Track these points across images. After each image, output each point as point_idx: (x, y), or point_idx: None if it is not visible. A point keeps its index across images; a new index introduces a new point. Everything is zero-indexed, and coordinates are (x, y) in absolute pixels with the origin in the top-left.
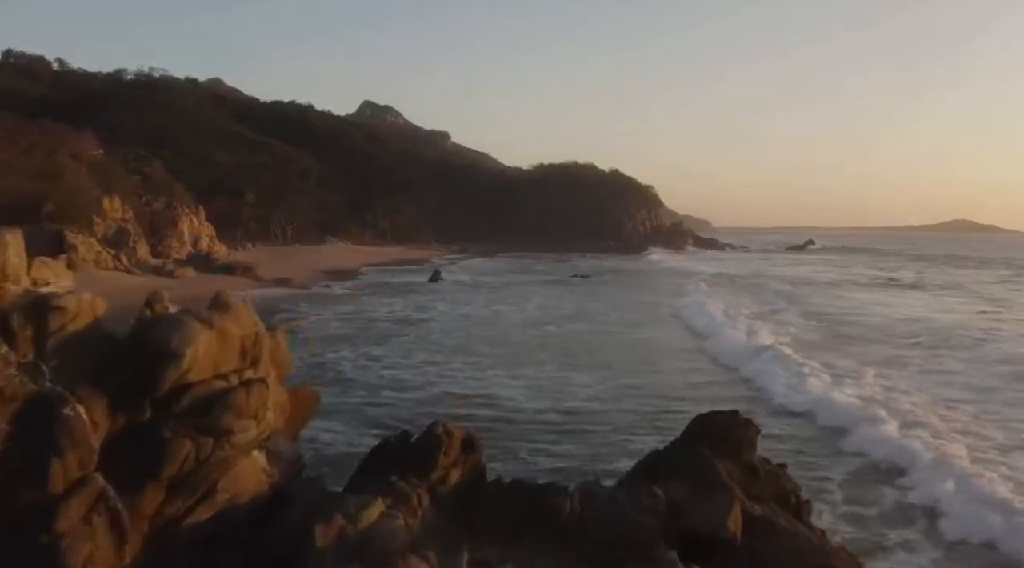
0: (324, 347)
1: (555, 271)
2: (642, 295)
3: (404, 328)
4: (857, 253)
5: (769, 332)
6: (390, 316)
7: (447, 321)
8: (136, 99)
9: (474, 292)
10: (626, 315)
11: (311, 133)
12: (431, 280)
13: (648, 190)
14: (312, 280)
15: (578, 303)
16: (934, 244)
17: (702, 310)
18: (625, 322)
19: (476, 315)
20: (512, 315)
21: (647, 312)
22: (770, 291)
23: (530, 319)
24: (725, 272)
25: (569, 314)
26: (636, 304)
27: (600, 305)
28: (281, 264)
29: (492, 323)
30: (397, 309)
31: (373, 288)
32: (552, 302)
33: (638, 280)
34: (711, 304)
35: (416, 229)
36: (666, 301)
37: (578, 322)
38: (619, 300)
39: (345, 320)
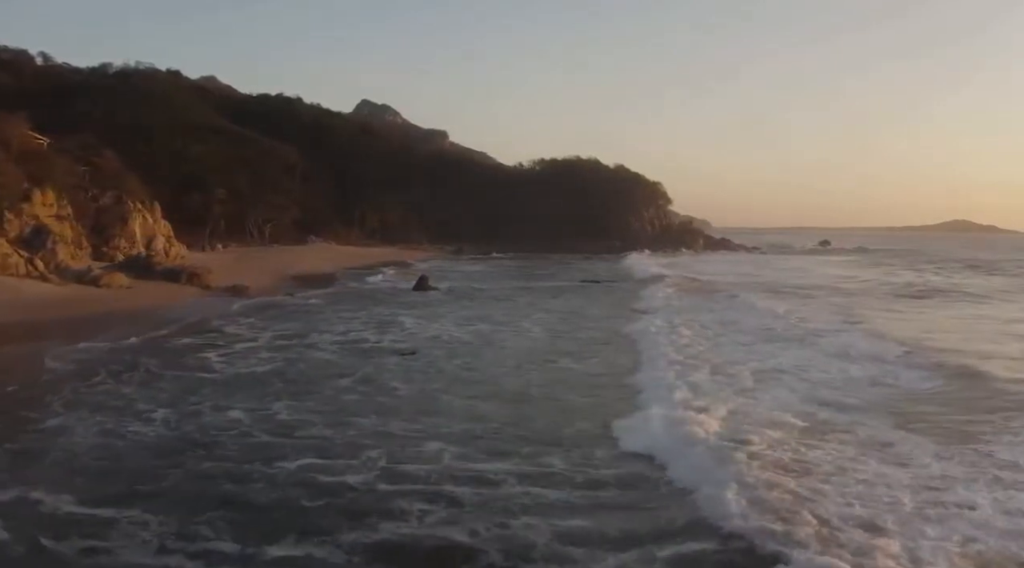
0: (217, 397)
1: (560, 274)
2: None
3: (354, 363)
4: (880, 254)
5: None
6: (342, 340)
7: (419, 352)
8: (109, 89)
9: (465, 303)
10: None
11: (299, 127)
12: (416, 288)
13: (656, 187)
14: (275, 287)
15: (601, 319)
16: (949, 245)
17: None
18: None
19: (460, 340)
20: (511, 340)
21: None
22: (829, 304)
23: (537, 348)
24: (761, 280)
25: (593, 339)
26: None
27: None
28: (246, 268)
29: (481, 354)
30: (356, 328)
31: (342, 297)
32: (563, 319)
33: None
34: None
35: (408, 228)
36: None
37: (612, 353)
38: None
39: (278, 348)
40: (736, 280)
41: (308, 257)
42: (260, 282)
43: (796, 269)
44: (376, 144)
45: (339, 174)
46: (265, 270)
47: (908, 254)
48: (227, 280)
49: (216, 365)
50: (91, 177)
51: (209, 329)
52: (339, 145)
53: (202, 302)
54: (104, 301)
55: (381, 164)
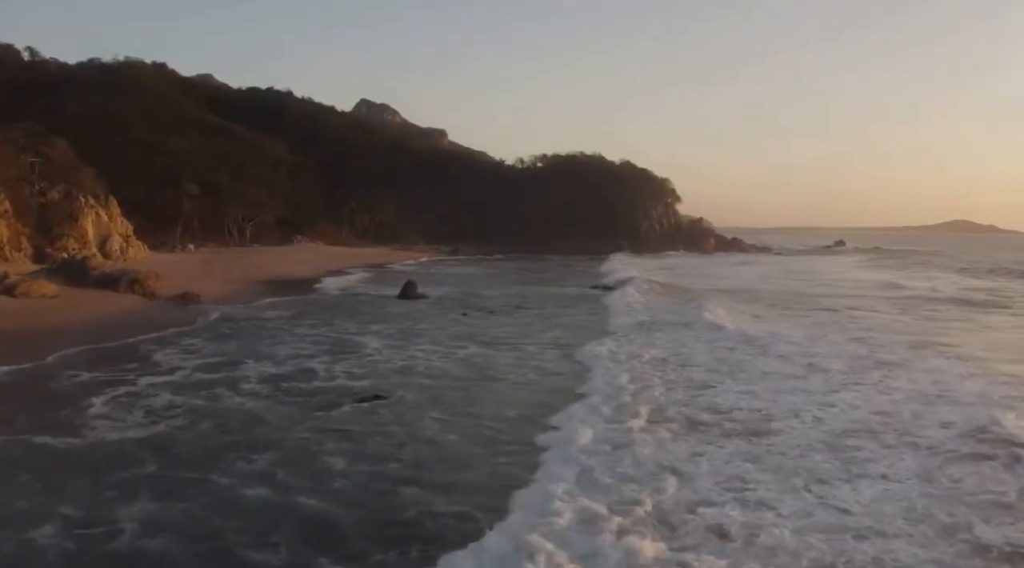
0: (29, 496)
1: (567, 279)
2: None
3: (284, 420)
4: (901, 256)
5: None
6: (284, 374)
7: (386, 394)
8: (88, 81)
9: (457, 316)
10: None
11: (289, 121)
12: (401, 296)
13: (664, 184)
14: (236, 295)
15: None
16: (959, 245)
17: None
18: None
19: (447, 373)
20: (516, 373)
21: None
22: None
23: (558, 387)
24: (791, 289)
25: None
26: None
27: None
28: (211, 271)
29: (476, 398)
30: (308, 353)
31: (310, 307)
32: (581, 339)
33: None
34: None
35: (402, 228)
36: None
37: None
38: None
39: (190, 388)
40: (776, 293)
41: (288, 259)
42: (221, 288)
43: (827, 275)
44: (369, 140)
45: (330, 171)
46: (232, 274)
47: (927, 255)
48: (183, 286)
49: (81, 422)
50: (40, 169)
51: (120, 355)
52: (330, 140)
53: (136, 314)
54: (8, 315)
55: (374, 160)
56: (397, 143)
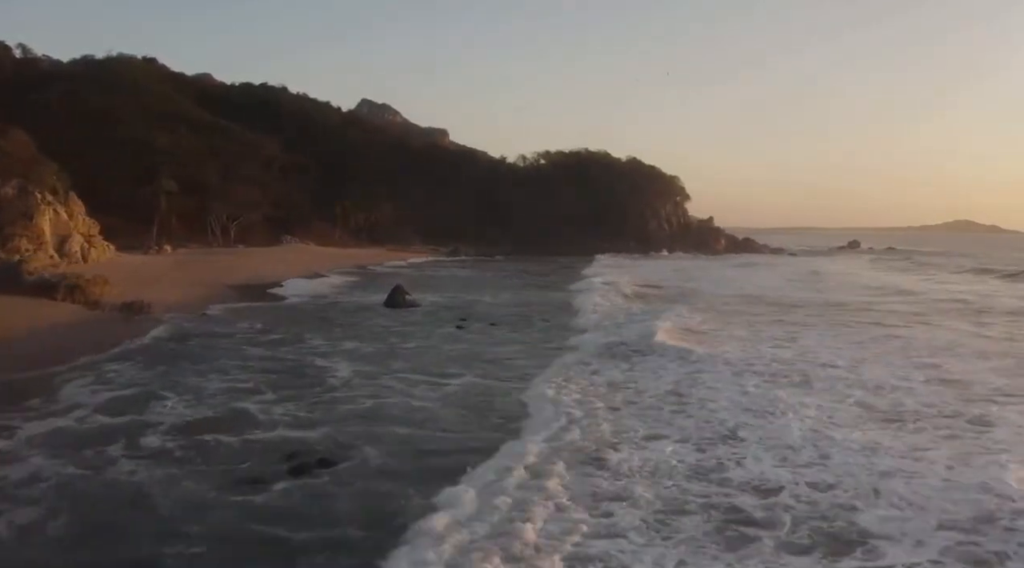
0: None
1: (575, 282)
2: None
3: (139, 550)
4: (921, 256)
5: None
6: (200, 421)
7: (339, 458)
8: (74, 76)
9: (450, 329)
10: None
11: (283, 118)
12: (388, 303)
13: (674, 182)
14: (198, 303)
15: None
16: (976, 246)
17: None
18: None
19: (433, 421)
20: (531, 420)
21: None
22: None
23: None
24: (823, 296)
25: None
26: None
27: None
28: (180, 275)
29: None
30: (246, 387)
31: (279, 318)
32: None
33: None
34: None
35: (398, 227)
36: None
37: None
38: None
39: (71, 445)
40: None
41: (272, 260)
42: (183, 295)
43: (855, 278)
44: (367, 137)
45: (325, 169)
46: (203, 277)
47: (947, 256)
48: (138, 292)
49: None
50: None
51: (20, 388)
52: (326, 138)
53: (66, 328)
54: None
55: (372, 158)
56: (395, 141)
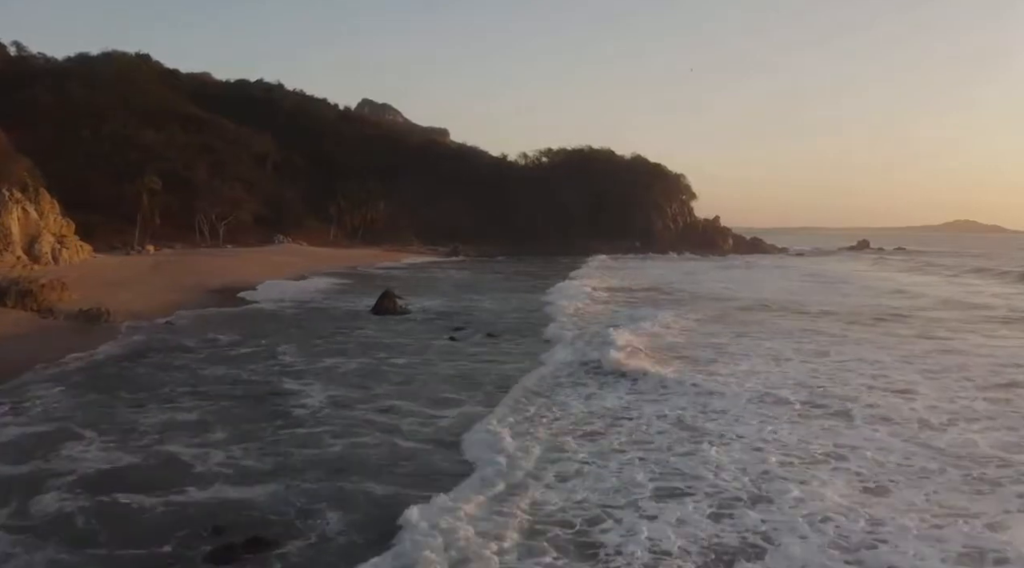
0: None
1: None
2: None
3: None
4: (936, 257)
5: None
6: (103, 478)
7: (261, 556)
8: (67, 73)
9: (446, 342)
10: None
11: (278, 114)
12: (376, 310)
13: (679, 180)
14: (168, 308)
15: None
16: (987, 246)
17: None
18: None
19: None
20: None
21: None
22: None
23: None
24: (855, 301)
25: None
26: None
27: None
28: (156, 278)
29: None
30: (191, 420)
31: (254, 327)
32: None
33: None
34: None
35: (395, 227)
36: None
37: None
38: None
39: None
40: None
41: (258, 262)
42: (153, 300)
43: (880, 282)
44: (364, 134)
45: (320, 166)
46: (181, 281)
47: (962, 256)
48: (104, 297)
49: None
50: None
51: None
52: (322, 135)
53: (9, 340)
54: None
55: (369, 156)
56: (393, 138)
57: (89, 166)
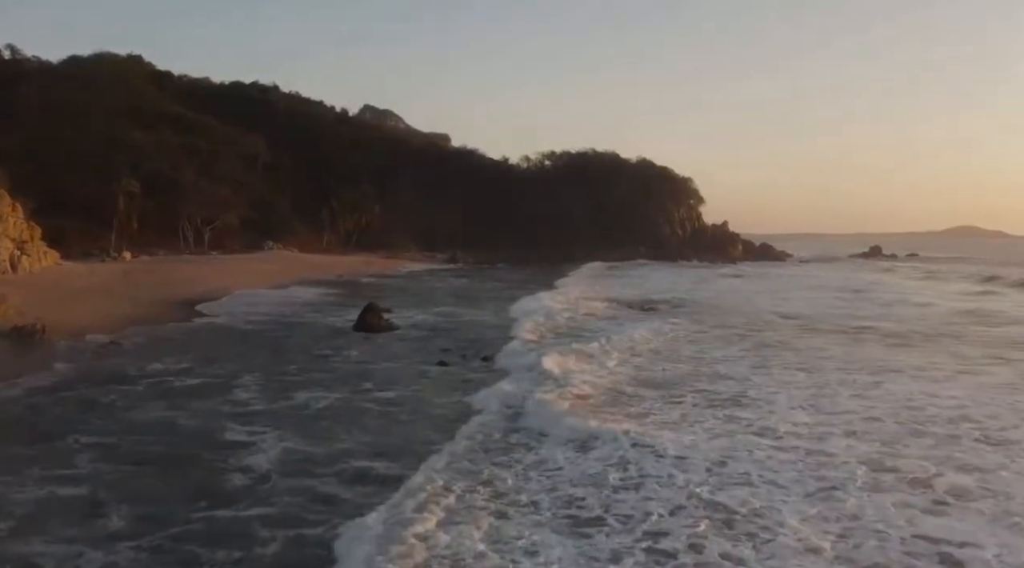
0: None
1: (610, 291)
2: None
3: None
4: (960, 264)
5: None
6: None
7: None
8: (56, 74)
9: (432, 373)
10: None
11: (272, 116)
12: (358, 327)
13: (687, 184)
14: (127, 324)
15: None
16: (999, 252)
17: None
18: None
19: None
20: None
21: None
22: None
23: None
24: (904, 319)
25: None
26: None
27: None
28: (122, 288)
29: None
30: (63, 501)
31: (214, 349)
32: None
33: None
34: None
35: (392, 232)
36: None
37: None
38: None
39: None
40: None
41: (242, 270)
42: (110, 313)
43: (919, 293)
44: (359, 136)
45: (314, 169)
46: (148, 291)
47: (985, 264)
48: (55, 310)
49: None
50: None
51: None
52: (316, 136)
53: None
54: None
55: (364, 158)
56: (391, 140)
57: (71, 168)
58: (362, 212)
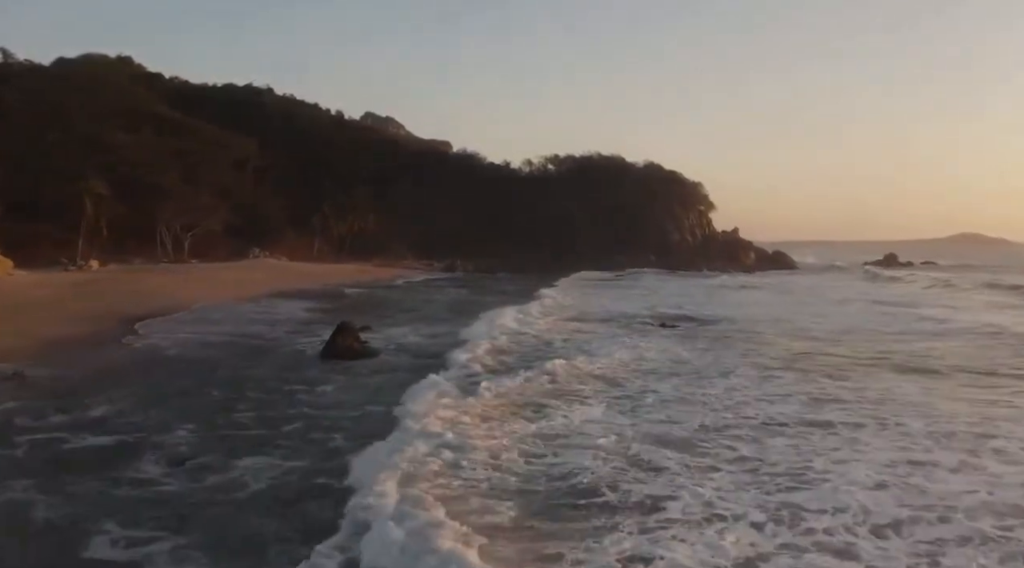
0: None
1: (604, 304)
2: None
3: None
4: (985, 273)
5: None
6: None
7: None
8: (41, 75)
9: (412, 417)
10: None
11: (271, 119)
12: (327, 354)
13: (697, 189)
14: (49, 348)
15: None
16: (1013, 258)
17: None
18: None
19: None
20: None
21: None
22: None
23: None
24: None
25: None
26: None
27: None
28: (68, 303)
29: None
30: None
31: (145, 387)
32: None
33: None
34: None
35: (387, 239)
36: None
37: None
38: None
39: None
40: None
41: (216, 280)
42: (33, 334)
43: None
44: (355, 138)
45: (308, 173)
46: (97, 307)
47: (993, 271)
48: None
49: None
50: None
51: None
52: (310, 140)
53: None
54: None
55: (360, 162)
56: (389, 143)
57: (48, 170)
58: (356, 217)
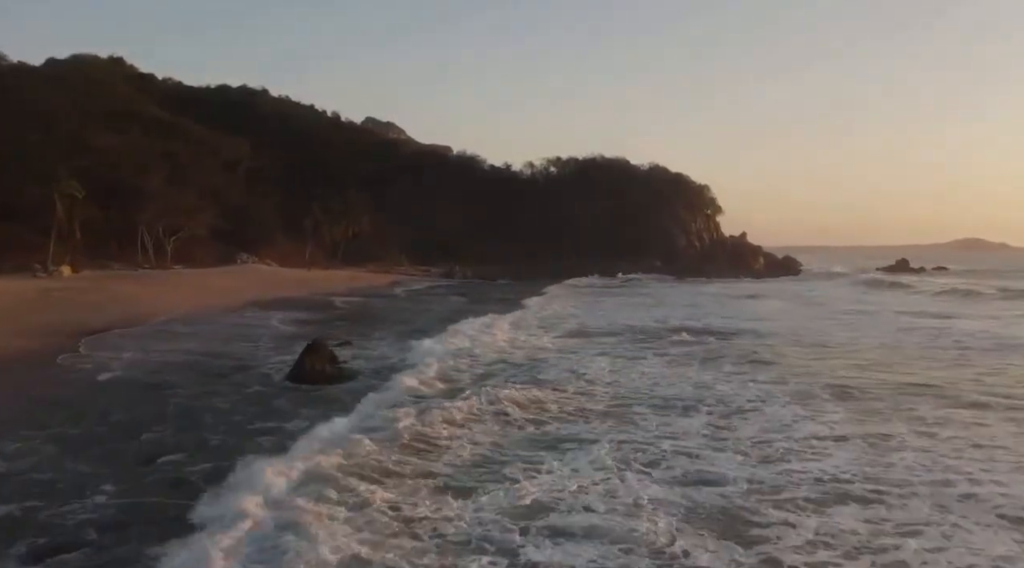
0: None
1: (608, 316)
2: None
3: None
4: (993, 277)
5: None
6: None
7: None
8: (25, 75)
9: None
10: None
11: (267, 120)
12: (294, 377)
13: (703, 192)
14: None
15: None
16: (1002, 263)
17: None
18: None
19: None
20: None
21: None
22: None
23: None
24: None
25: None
26: None
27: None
28: (24, 315)
29: None
30: None
31: (72, 426)
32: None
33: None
34: None
35: (383, 243)
36: None
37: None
38: None
39: None
40: None
41: (195, 288)
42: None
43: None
44: (352, 140)
45: (302, 175)
46: (54, 317)
47: (1008, 276)
48: None
49: None
50: None
51: None
52: (305, 142)
53: None
54: None
55: (356, 165)
56: (386, 145)
57: (30, 172)
58: (350, 221)
